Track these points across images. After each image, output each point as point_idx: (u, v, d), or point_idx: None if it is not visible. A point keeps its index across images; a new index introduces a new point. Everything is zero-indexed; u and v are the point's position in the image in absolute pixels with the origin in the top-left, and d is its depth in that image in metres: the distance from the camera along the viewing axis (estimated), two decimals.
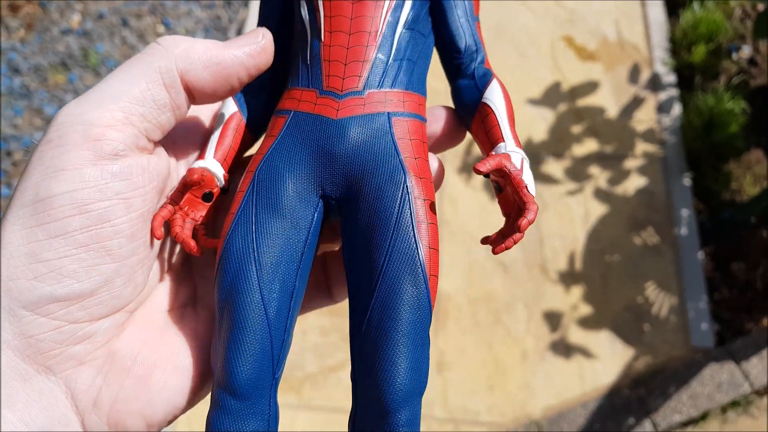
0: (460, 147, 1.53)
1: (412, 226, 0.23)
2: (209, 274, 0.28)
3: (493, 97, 0.27)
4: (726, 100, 1.45)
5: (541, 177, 1.48)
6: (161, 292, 0.27)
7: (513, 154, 0.25)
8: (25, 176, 0.22)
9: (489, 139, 0.26)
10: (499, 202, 0.27)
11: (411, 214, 0.23)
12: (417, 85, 0.27)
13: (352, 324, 0.24)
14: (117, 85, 0.23)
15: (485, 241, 0.26)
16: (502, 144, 0.26)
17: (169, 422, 0.24)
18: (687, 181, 1.46)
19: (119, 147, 0.23)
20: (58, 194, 0.21)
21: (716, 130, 1.42)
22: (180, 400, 0.24)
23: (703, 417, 1.33)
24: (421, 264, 0.23)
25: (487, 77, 0.28)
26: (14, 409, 0.21)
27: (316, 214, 0.25)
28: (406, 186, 0.24)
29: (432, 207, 0.24)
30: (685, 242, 1.42)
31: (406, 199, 0.24)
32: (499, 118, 0.26)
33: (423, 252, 0.23)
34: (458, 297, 1.41)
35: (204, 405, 0.27)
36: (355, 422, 0.23)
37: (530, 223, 0.24)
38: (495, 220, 1.46)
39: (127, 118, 0.23)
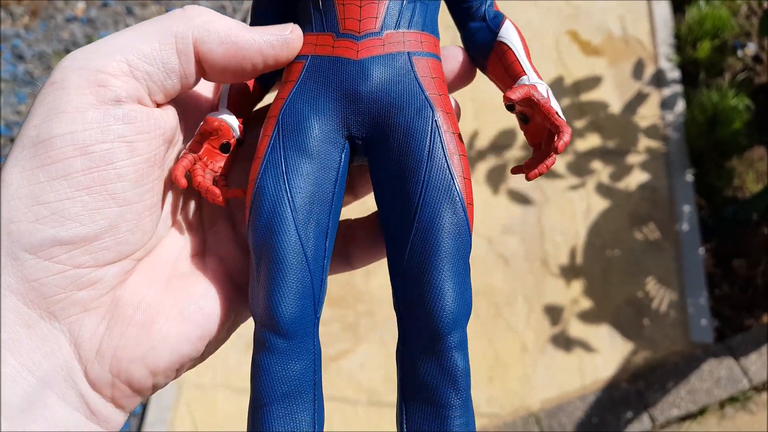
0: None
1: (445, 158, 0.24)
2: (220, 227, 0.28)
3: (509, 35, 0.27)
4: (730, 97, 1.44)
5: None
6: (170, 242, 0.26)
7: (538, 85, 0.25)
8: (27, 119, 0.22)
9: (509, 74, 0.26)
10: (526, 134, 0.27)
11: (443, 147, 0.24)
12: (431, 26, 0.27)
13: (391, 261, 0.24)
14: (129, 39, 0.23)
15: (516, 170, 0.26)
16: (524, 77, 0.26)
17: (177, 372, 0.24)
18: (689, 177, 1.46)
19: (122, 94, 0.22)
20: (58, 135, 0.21)
21: (720, 126, 1.42)
22: (185, 349, 0.24)
23: (702, 412, 1.34)
24: (458, 193, 0.23)
25: (498, 18, 0.28)
26: (18, 354, 0.20)
27: (343, 156, 0.25)
28: (435, 120, 0.24)
29: (460, 139, 0.25)
30: (686, 238, 1.42)
31: (437, 132, 0.24)
32: (517, 54, 0.26)
33: (458, 181, 0.23)
34: None
35: (207, 399, 0.27)
36: (404, 351, 0.23)
37: (566, 144, 0.24)
38: (497, 214, 1.46)
39: (132, 71, 0.23)
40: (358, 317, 1.41)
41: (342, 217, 0.29)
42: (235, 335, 0.29)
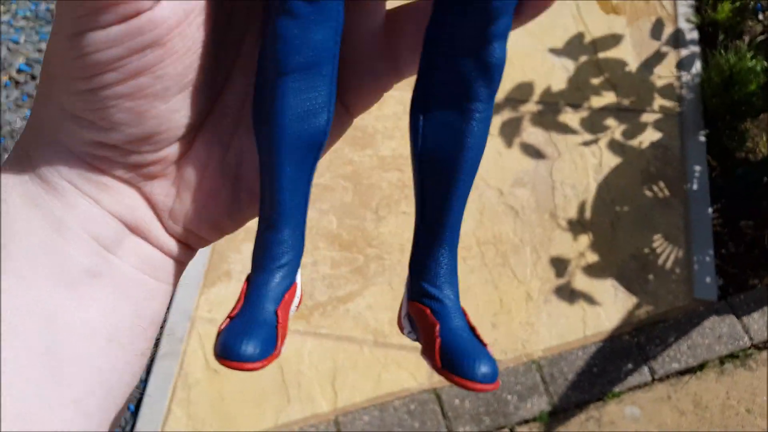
0: None
1: None
2: None
3: None
4: (748, 58, 1.44)
5: (557, 126, 1.49)
6: (234, 88, 0.24)
7: None
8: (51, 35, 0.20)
9: None
10: None
11: None
12: None
13: None
14: None
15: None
16: None
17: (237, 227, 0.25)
18: (702, 137, 1.47)
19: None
20: (85, 54, 0.19)
21: (735, 87, 1.42)
22: (254, 208, 0.24)
23: (701, 367, 1.36)
24: None
25: None
26: (101, 203, 0.22)
27: None
28: None
29: None
30: (695, 197, 1.43)
31: None
32: None
33: None
34: (467, 238, 1.43)
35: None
36: (430, 52, 0.21)
37: None
38: (509, 166, 1.47)
39: None
40: (368, 261, 1.43)
41: None
42: None
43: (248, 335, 0.19)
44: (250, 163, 0.24)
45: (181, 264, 0.25)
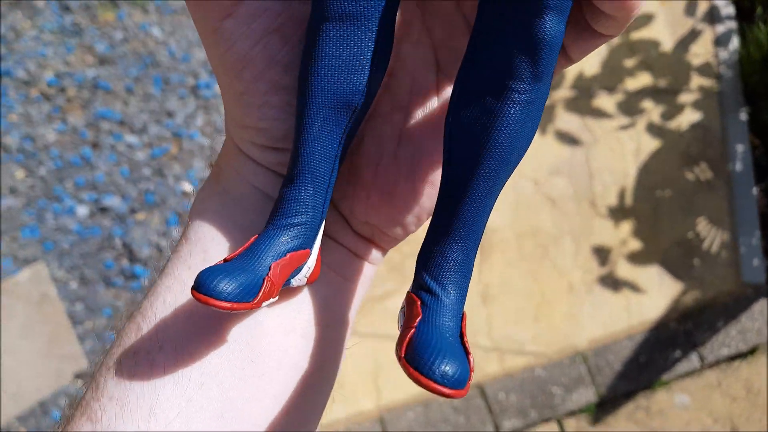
0: None
1: None
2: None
3: None
4: None
5: (592, 111, 1.46)
6: (403, 83, 0.25)
7: None
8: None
9: None
10: None
11: None
12: None
13: None
14: None
15: None
16: None
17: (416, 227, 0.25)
18: (743, 116, 1.42)
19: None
20: (227, 48, 0.21)
21: None
22: (428, 204, 0.25)
23: (752, 351, 1.33)
24: None
25: None
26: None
27: None
28: None
29: None
30: (739, 178, 1.39)
31: None
32: None
33: None
34: (504, 231, 1.41)
35: None
36: (476, 38, 0.19)
37: None
38: (545, 155, 1.44)
39: None
40: (404, 258, 1.42)
41: None
42: None
43: (228, 275, 0.18)
44: (427, 156, 0.23)
45: (371, 264, 0.25)
